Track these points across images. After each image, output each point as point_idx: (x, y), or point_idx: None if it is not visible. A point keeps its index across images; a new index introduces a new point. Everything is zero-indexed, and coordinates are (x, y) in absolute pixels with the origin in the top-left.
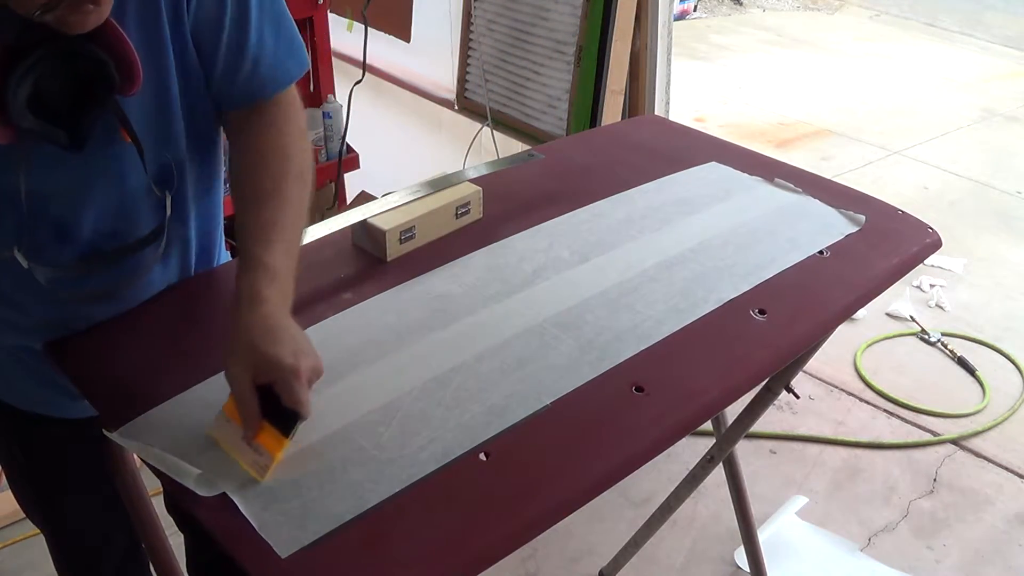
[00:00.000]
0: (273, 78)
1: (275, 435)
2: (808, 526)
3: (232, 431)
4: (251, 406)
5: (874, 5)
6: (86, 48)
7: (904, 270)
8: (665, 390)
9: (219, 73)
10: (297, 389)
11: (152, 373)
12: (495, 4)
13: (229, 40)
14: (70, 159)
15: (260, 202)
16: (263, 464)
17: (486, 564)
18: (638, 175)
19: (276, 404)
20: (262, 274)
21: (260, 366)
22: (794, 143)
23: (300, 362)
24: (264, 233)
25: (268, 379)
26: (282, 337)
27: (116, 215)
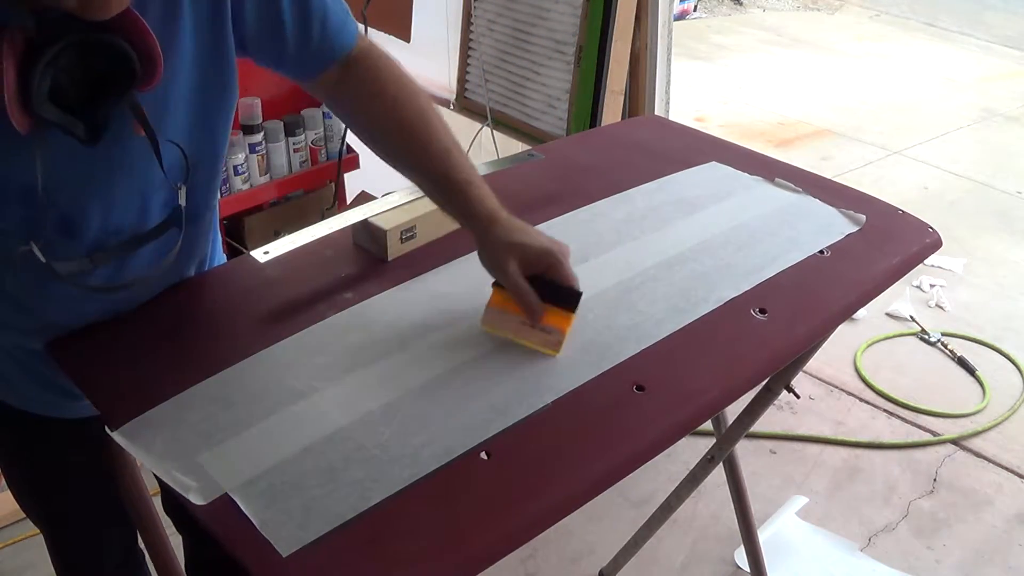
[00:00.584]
0: (344, 31)
1: (558, 313)
2: (808, 526)
3: (511, 320)
4: (532, 293)
5: (874, 5)
6: (110, 39)
7: (904, 270)
8: (665, 389)
9: (292, 48)
10: (568, 267)
11: (153, 372)
12: (495, 4)
13: (293, 15)
14: (84, 152)
15: (424, 135)
16: (556, 340)
17: (487, 563)
18: (638, 175)
19: (548, 287)
20: (481, 191)
21: (530, 257)
22: (794, 143)
23: (561, 246)
24: (450, 159)
25: (539, 268)
26: (532, 231)
27: (129, 208)
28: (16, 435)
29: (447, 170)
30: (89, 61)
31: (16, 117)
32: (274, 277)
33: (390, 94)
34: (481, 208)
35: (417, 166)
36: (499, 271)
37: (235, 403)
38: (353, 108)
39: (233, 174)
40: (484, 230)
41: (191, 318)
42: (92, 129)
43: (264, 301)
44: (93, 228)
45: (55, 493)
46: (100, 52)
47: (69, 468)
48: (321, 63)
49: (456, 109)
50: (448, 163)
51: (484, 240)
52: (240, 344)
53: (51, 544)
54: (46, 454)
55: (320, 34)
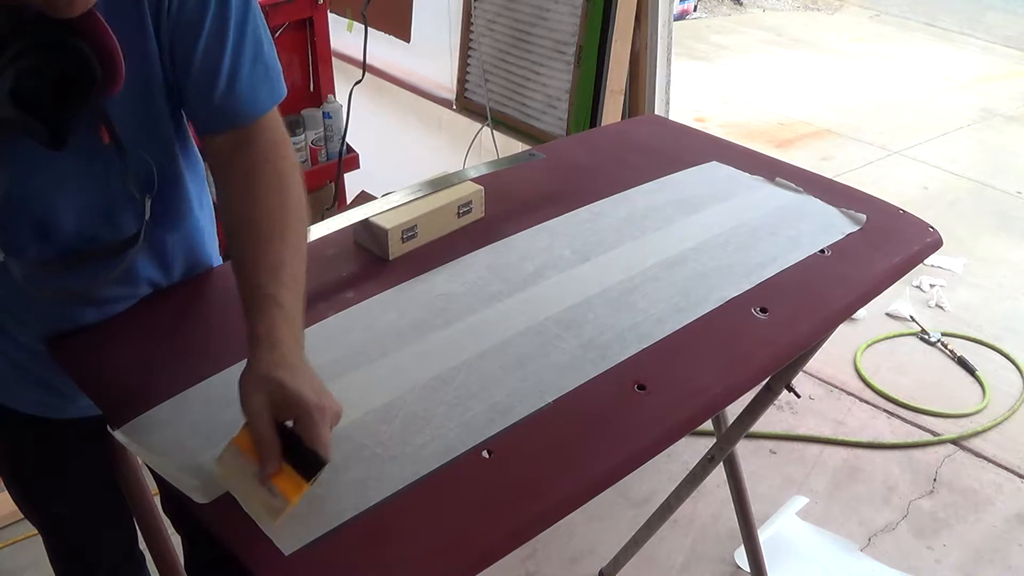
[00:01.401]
0: (250, 102)
1: (294, 478)
2: (808, 526)
3: (243, 467)
4: (272, 443)
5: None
6: (70, 40)
7: (905, 269)
8: (666, 388)
9: (193, 90)
10: (321, 428)
11: (154, 371)
12: (495, 4)
13: (206, 51)
14: (50, 157)
15: (263, 242)
16: (277, 508)
17: (488, 562)
18: (638, 175)
19: (295, 445)
20: (277, 314)
21: (282, 403)
22: (794, 143)
23: (323, 401)
24: (274, 275)
25: (289, 416)
26: (303, 376)
27: (97, 216)
28: (12, 437)
29: (267, 281)
30: (52, 63)
31: None
32: None
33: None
34: (263, 328)
35: (240, 269)
36: (242, 403)
37: (236, 402)
38: (224, 183)
39: None
40: (252, 354)
41: (192, 318)
42: (57, 134)
43: None
44: (67, 234)
45: (52, 494)
46: (61, 54)
47: (66, 469)
48: (215, 123)
49: (456, 109)
50: (268, 276)
51: (247, 365)
52: (241, 343)
53: (50, 546)
54: (42, 455)
55: (224, 93)
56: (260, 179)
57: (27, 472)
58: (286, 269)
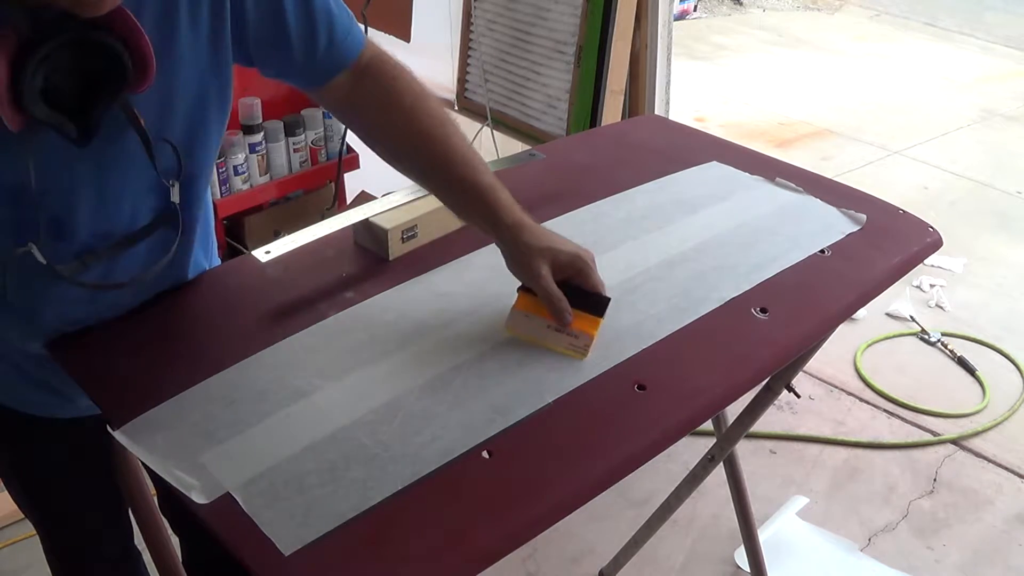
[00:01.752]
0: (351, 39)
1: (586, 318)
2: (808, 526)
3: (537, 324)
4: (563, 298)
5: (874, 5)
6: (102, 38)
7: (905, 269)
8: (666, 389)
9: (299, 57)
10: (597, 274)
11: (155, 371)
12: (495, 4)
13: (297, 23)
14: (75, 152)
15: (442, 141)
16: (584, 344)
17: (488, 562)
18: (638, 175)
19: (576, 293)
20: (505, 198)
21: (560, 262)
22: (794, 143)
23: (584, 252)
24: (472, 165)
25: (568, 273)
26: (560, 238)
27: (119, 211)
28: (13, 436)
29: (471, 178)
30: (82, 60)
31: (8, 115)
32: (275, 277)
33: (406, 104)
34: (508, 215)
35: (438, 175)
36: (531, 276)
37: (236, 402)
38: (367, 119)
39: (233, 174)
40: (513, 237)
41: (193, 318)
42: (84, 129)
43: (265, 301)
44: (83, 230)
45: (52, 493)
46: (93, 51)
47: (66, 468)
48: (329, 72)
49: (456, 109)
50: (471, 170)
51: (513, 246)
52: (241, 343)
53: (47, 545)
54: (43, 455)
55: (327, 42)
56: (396, 92)
57: (27, 471)
58: (475, 158)
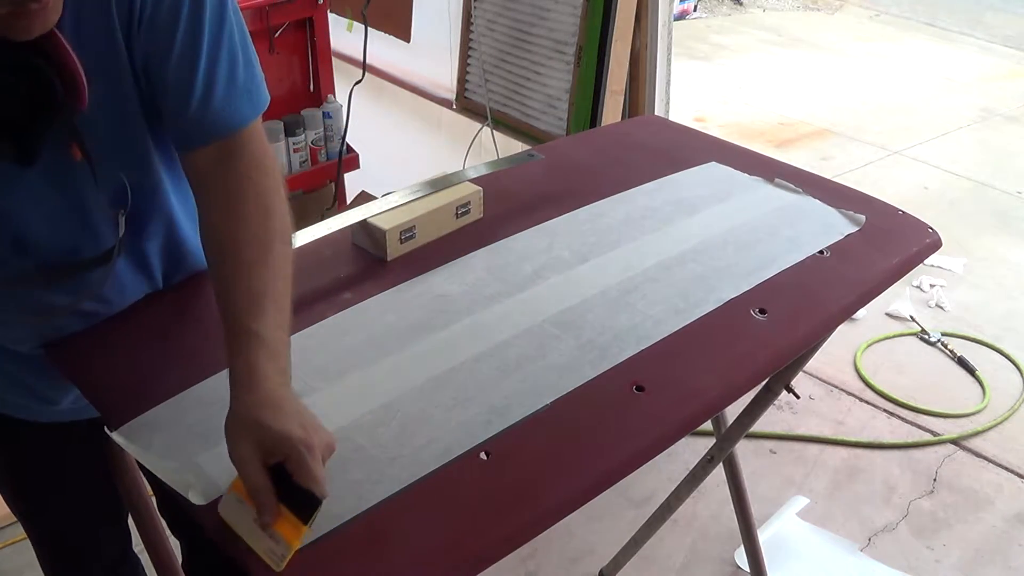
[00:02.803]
0: (228, 115)
1: (293, 521)
2: (808, 526)
3: (244, 513)
4: (265, 489)
5: (874, 5)
6: (31, 60)
7: (904, 270)
8: (665, 389)
9: (170, 104)
10: (311, 465)
11: (152, 372)
12: (495, 4)
13: (178, 62)
14: (23, 174)
15: (246, 269)
16: (280, 554)
17: (486, 563)
18: (638, 175)
19: (289, 485)
20: (258, 348)
21: (268, 444)
22: (794, 143)
23: (311, 436)
24: (255, 304)
25: (278, 457)
26: (288, 411)
27: (75, 230)
28: (4, 440)
29: (247, 313)
30: (11, 82)
31: None
32: None
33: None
34: (242, 366)
35: (221, 297)
36: (229, 451)
37: None
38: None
39: None
40: (233, 394)
41: (190, 319)
42: (26, 151)
43: None
44: (44, 247)
45: (46, 498)
46: (23, 74)
47: (60, 473)
48: (189, 139)
49: (456, 109)
50: (248, 305)
51: (230, 408)
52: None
53: (42, 553)
54: (35, 459)
55: (200, 107)
56: (241, 198)
57: (20, 476)
58: (268, 297)
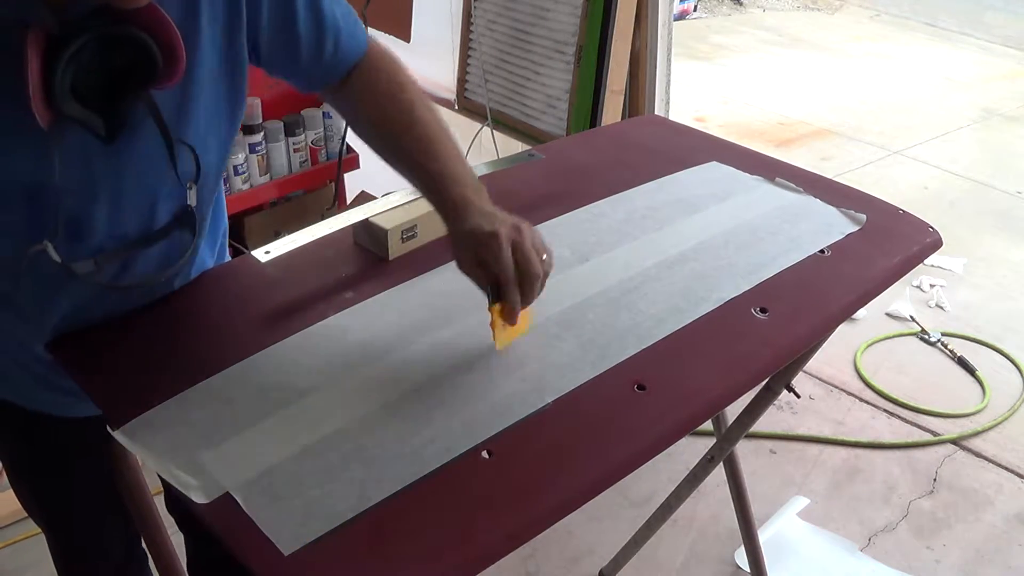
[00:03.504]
0: (354, 45)
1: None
2: (808, 526)
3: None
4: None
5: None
6: (133, 32)
7: (905, 269)
8: (666, 389)
9: (305, 62)
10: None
11: (155, 371)
12: (495, 4)
13: (307, 31)
14: (96, 151)
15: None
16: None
17: (488, 562)
18: (638, 175)
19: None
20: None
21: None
22: (794, 143)
23: (498, 228)
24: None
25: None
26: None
27: (136, 211)
28: (20, 432)
29: (425, 158)
30: (110, 56)
31: (39, 111)
32: (275, 277)
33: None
34: (442, 202)
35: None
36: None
37: (236, 402)
38: (352, 111)
39: (233, 174)
40: (449, 226)
41: (192, 318)
42: (111, 126)
43: (265, 301)
44: (99, 231)
45: (56, 491)
46: (123, 46)
47: (73, 468)
48: (331, 76)
49: (456, 109)
50: (428, 151)
51: (452, 236)
52: (241, 343)
53: (53, 545)
54: (50, 453)
55: (333, 49)
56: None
57: (36, 470)
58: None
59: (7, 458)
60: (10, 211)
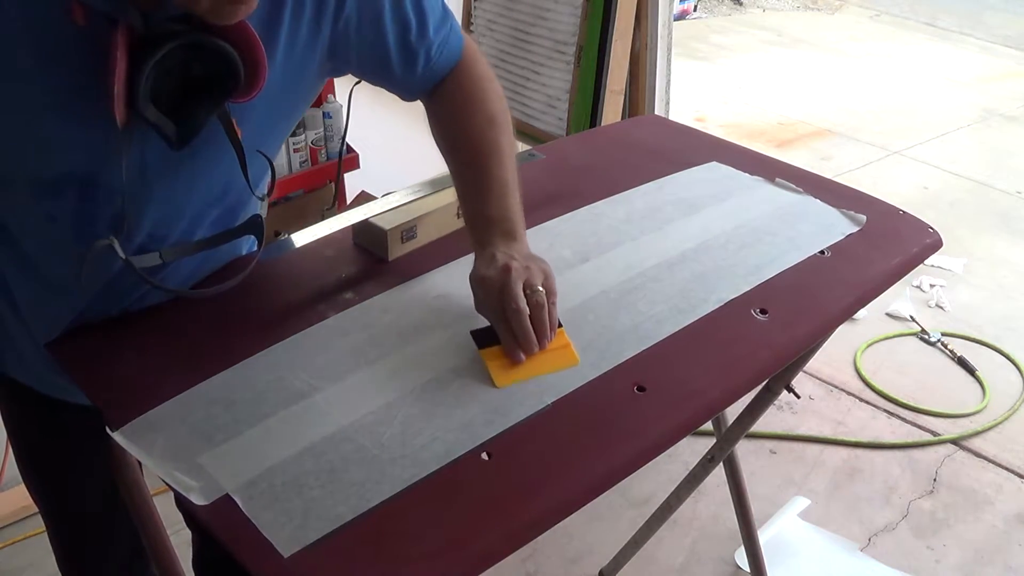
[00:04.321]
0: (447, 57)
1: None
2: (808, 526)
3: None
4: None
5: (874, 5)
6: (221, 46)
7: (905, 270)
8: (666, 390)
9: (399, 75)
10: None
11: (154, 372)
12: (495, 4)
13: (397, 51)
14: (159, 155)
15: (471, 160)
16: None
17: (488, 563)
18: (638, 175)
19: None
20: (480, 227)
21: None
22: (794, 143)
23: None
24: (480, 191)
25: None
26: (487, 258)
27: (185, 213)
28: (31, 417)
29: (474, 199)
30: (191, 64)
31: (119, 111)
32: (274, 277)
33: (465, 119)
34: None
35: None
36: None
37: (236, 403)
38: (431, 123)
39: None
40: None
41: (192, 318)
42: (184, 132)
43: (264, 301)
44: (144, 231)
45: (69, 481)
46: (207, 56)
47: (81, 456)
48: (425, 86)
49: None
50: (479, 193)
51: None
52: (241, 344)
53: (57, 540)
54: (60, 439)
55: (424, 65)
56: (460, 106)
57: (45, 457)
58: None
59: (21, 443)
60: (64, 199)
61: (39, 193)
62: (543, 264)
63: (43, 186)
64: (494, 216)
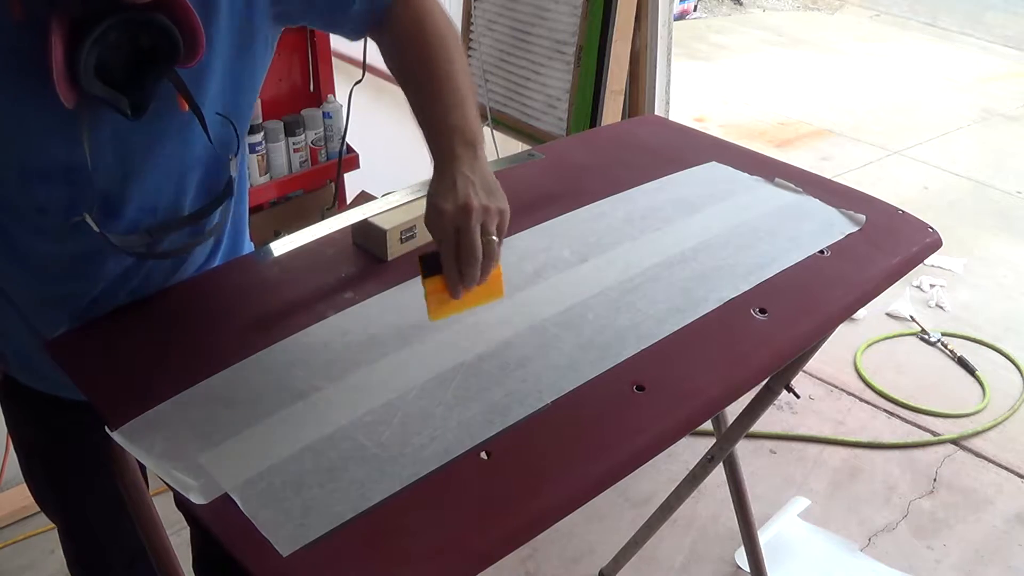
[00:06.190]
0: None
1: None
2: (808, 526)
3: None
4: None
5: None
6: (154, 18)
7: (904, 270)
8: (666, 389)
9: (345, 9)
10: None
11: (154, 371)
12: (495, 4)
13: None
14: (125, 129)
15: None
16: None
17: (487, 563)
18: (638, 175)
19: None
20: (440, 135)
21: (428, 212)
22: (794, 143)
23: (446, 206)
24: (438, 101)
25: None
26: (445, 177)
27: (166, 186)
28: (35, 418)
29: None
30: (134, 38)
31: (63, 91)
32: (274, 277)
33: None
34: (436, 151)
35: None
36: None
37: (235, 403)
38: (384, 56)
39: None
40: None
41: (191, 318)
42: (137, 105)
43: (264, 301)
44: (131, 205)
45: (69, 479)
46: (144, 30)
47: (85, 454)
48: (373, 19)
49: None
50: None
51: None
52: (240, 344)
53: (65, 538)
54: (63, 438)
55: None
56: (408, 34)
57: (47, 455)
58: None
59: (25, 446)
60: (54, 188)
61: (28, 184)
62: (500, 202)
63: (30, 175)
64: (455, 124)
